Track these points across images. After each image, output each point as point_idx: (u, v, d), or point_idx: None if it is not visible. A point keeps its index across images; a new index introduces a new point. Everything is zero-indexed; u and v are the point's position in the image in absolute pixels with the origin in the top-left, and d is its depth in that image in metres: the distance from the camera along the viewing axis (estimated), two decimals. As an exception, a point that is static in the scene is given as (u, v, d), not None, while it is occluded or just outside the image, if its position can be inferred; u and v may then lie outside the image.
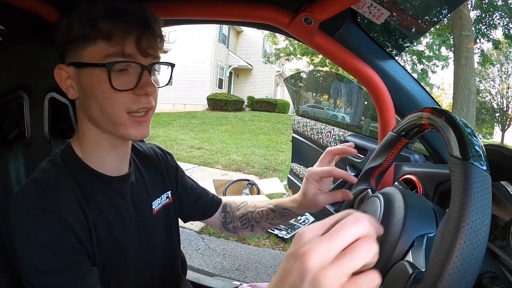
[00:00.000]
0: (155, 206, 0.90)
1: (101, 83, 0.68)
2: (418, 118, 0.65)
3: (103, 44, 0.67)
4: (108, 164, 0.78)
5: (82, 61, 0.69)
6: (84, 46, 0.68)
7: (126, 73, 0.69)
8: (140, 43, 0.69)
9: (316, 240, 0.37)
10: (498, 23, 11.41)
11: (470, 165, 0.44)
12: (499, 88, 27.63)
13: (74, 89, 0.73)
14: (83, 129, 0.76)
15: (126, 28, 0.67)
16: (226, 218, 1.09)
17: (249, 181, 4.76)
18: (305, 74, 4.90)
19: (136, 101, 0.71)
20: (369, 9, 0.94)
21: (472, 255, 0.40)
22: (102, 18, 0.66)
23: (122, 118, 0.71)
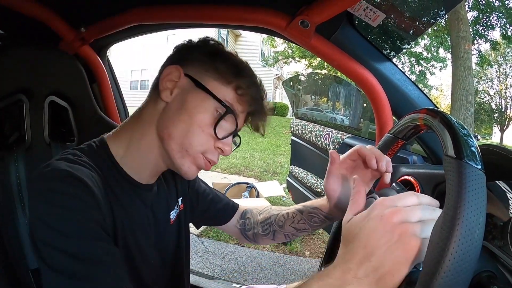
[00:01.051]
0: (172, 216, 0.90)
1: (206, 113, 0.71)
2: (413, 119, 0.66)
3: (232, 92, 0.73)
4: (143, 174, 0.77)
5: (202, 83, 0.72)
6: (214, 78, 0.73)
7: (222, 123, 0.73)
8: (252, 115, 0.79)
9: (399, 208, 0.49)
10: (496, 24, 11.46)
11: (464, 164, 0.44)
12: (497, 88, 27.67)
13: (171, 94, 0.74)
14: (144, 132, 0.75)
15: (255, 100, 0.77)
16: (246, 225, 1.05)
17: (248, 184, 4.75)
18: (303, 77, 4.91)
19: (212, 151, 0.75)
20: (365, 12, 0.95)
21: (467, 253, 0.40)
22: (245, 78, 0.75)
23: (196, 153, 0.73)
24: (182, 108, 0.72)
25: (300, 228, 0.98)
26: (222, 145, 0.74)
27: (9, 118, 0.98)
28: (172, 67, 0.74)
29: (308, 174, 2.60)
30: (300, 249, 3.36)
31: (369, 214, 0.51)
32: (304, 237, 3.64)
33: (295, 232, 1.00)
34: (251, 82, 0.76)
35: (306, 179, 2.53)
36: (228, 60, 0.75)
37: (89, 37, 1.20)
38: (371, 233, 0.49)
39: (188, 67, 0.74)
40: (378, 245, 0.47)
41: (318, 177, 2.45)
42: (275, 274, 2.88)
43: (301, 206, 0.99)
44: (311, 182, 2.41)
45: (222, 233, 3.60)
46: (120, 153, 0.74)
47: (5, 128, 0.98)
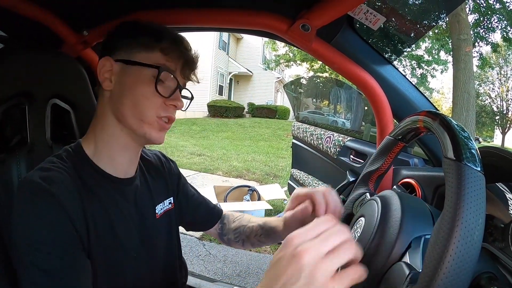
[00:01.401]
0: (158, 211, 0.92)
1: (144, 84, 0.78)
2: (413, 122, 0.66)
3: (160, 55, 0.79)
4: (117, 164, 0.82)
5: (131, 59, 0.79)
6: (139, 51, 0.79)
7: (163, 84, 0.80)
8: (185, 68, 0.84)
9: (309, 242, 0.48)
10: (496, 26, 11.44)
11: (463, 166, 0.45)
12: (498, 91, 27.64)
13: (111, 82, 0.80)
14: (103, 124, 0.81)
15: (181, 53, 0.83)
16: (223, 230, 1.13)
17: (250, 187, 4.75)
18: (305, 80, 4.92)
19: (165, 109, 0.81)
20: (365, 15, 0.95)
21: (467, 254, 0.40)
22: (166, 38, 0.81)
23: (151, 118, 0.79)
24: (124, 89, 0.79)
25: (261, 241, 1.06)
26: (173, 101, 0.81)
27: (11, 120, 0.98)
28: (102, 60, 0.80)
29: (309, 177, 2.60)
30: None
31: (283, 252, 0.49)
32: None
33: (259, 244, 1.08)
34: (172, 40, 0.81)
35: (307, 182, 2.53)
36: (147, 30, 0.81)
37: (91, 40, 1.20)
38: (284, 273, 0.47)
39: (116, 54, 0.80)
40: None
41: (319, 180, 2.45)
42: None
43: (263, 222, 1.06)
44: (312, 185, 2.41)
45: (223, 236, 3.59)
46: (92, 151, 0.81)
47: (7, 130, 0.99)
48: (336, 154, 2.12)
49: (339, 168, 2.09)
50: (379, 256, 0.58)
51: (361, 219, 0.70)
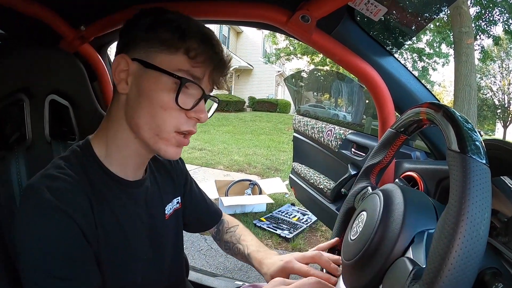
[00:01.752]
0: (167, 211, 0.90)
1: (163, 92, 0.68)
2: (416, 114, 0.65)
3: (184, 58, 0.69)
4: (127, 168, 0.78)
5: (152, 62, 0.69)
6: (160, 51, 0.69)
7: (186, 93, 0.70)
8: (214, 74, 0.73)
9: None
10: (498, 19, 11.40)
11: (468, 158, 0.44)
12: (500, 84, 27.51)
13: (127, 84, 0.72)
14: (117, 129, 0.74)
15: (211, 56, 0.71)
16: (217, 234, 1.12)
17: (251, 181, 4.76)
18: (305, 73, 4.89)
19: (187, 122, 0.72)
20: (366, 6, 0.94)
21: (472, 249, 0.40)
22: (193, 35, 0.69)
23: (168, 134, 0.71)
24: (140, 95, 0.70)
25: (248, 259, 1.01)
26: (195, 114, 0.72)
27: (10, 117, 0.98)
28: (118, 58, 0.71)
29: (310, 171, 2.59)
30: (303, 246, 3.35)
31: None
32: (307, 234, 3.64)
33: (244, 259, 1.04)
34: (201, 39, 0.70)
35: (309, 176, 2.52)
36: (170, 26, 0.69)
37: (89, 35, 1.19)
38: None
39: (133, 51, 0.71)
40: None
41: (320, 174, 2.44)
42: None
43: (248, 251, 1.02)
44: (314, 178, 2.40)
45: (225, 231, 3.59)
46: (103, 153, 0.75)
47: (6, 127, 0.98)
48: (337, 147, 2.11)
49: (340, 162, 2.08)
50: (381, 251, 0.57)
51: (362, 213, 0.69)
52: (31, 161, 0.95)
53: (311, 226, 3.81)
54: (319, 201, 2.22)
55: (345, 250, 0.70)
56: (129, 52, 0.71)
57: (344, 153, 2.02)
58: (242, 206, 4.10)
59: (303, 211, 4.13)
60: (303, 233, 3.63)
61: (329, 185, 2.17)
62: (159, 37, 0.69)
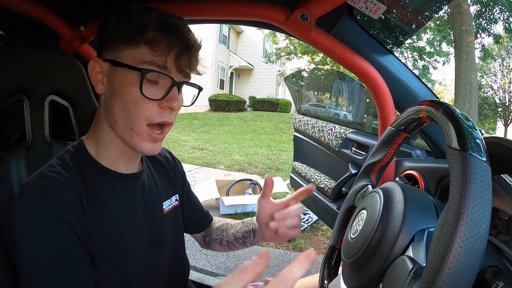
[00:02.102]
0: (165, 207, 0.91)
1: (131, 86, 0.70)
2: (416, 112, 0.65)
3: (146, 49, 0.69)
4: (119, 163, 0.79)
5: (119, 60, 0.71)
6: (126, 46, 0.70)
7: (156, 84, 0.71)
8: (179, 59, 0.72)
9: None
10: (499, 17, 11.38)
11: (469, 156, 0.43)
12: (501, 83, 27.43)
13: (103, 84, 0.74)
14: (100, 127, 0.77)
15: (172, 42, 0.70)
16: (206, 232, 1.11)
17: (252, 181, 4.76)
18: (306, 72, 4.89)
19: (159, 113, 0.73)
20: (366, 4, 0.93)
21: (473, 247, 0.39)
22: (151, 26, 0.69)
23: (141, 128, 0.72)
24: (113, 92, 0.72)
25: (236, 236, 1.04)
26: (166, 103, 0.72)
27: (10, 117, 0.98)
28: (91, 61, 0.74)
29: (311, 170, 2.59)
30: (304, 245, 3.36)
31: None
32: (308, 233, 3.64)
33: (233, 241, 1.05)
34: (159, 28, 0.70)
35: (310, 175, 2.52)
36: (131, 21, 0.70)
37: (89, 36, 1.19)
38: None
39: (104, 52, 0.74)
40: None
41: (321, 173, 2.44)
42: (279, 271, 2.85)
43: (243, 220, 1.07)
44: (314, 178, 2.40)
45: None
46: (94, 151, 0.77)
47: (6, 128, 0.98)
48: (338, 146, 2.10)
49: (341, 161, 2.08)
50: (381, 250, 0.57)
51: (363, 211, 0.69)
52: (31, 161, 0.95)
53: (312, 225, 3.81)
54: (320, 200, 2.22)
55: (345, 249, 0.70)
56: (102, 54, 0.75)
57: (345, 152, 2.01)
58: (243, 206, 4.11)
59: (304, 211, 4.11)
60: (304, 232, 3.64)
61: (330, 184, 2.17)
62: (124, 34, 0.70)
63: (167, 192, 0.93)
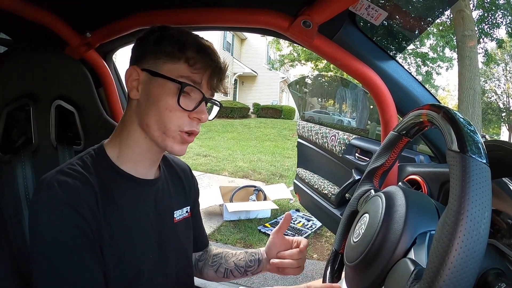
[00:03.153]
0: (176, 216, 0.94)
1: (168, 96, 0.78)
2: (417, 116, 0.65)
3: (184, 66, 0.78)
4: (139, 167, 0.85)
5: (158, 71, 0.78)
6: (165, 61, 0.79)
7: (188, 97, 0.79)
8: (211, 78, 0.82)
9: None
10: (501, 22, 11.35)
11: (468, 157, 0.44)
12: (504, 87, 27.31)
13: (137, 91, 0.81)
14: (129, 130, 0.83)
15: (208, 63, 0.80)
16: (201, 256, 1.13)
17: (256, 187, 4.76)
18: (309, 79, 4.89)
19: (189, 123, 0.81)
20: (367, 11, 0.94)
21: (473, 248, 0.39)
22: (191, 47, 0.79)
23: (173, 132, 0.80)
24: (149, 99, 0.79)
25: (238, 264, 1.07)
26: (196, 115, 0.81)
27: (17, 122, 0.99)
28: (129, 69, 0.82)
29: (315, 176, 2.59)
30: (308, 252, 3.34)
31: None
32: (312, 239, 3.63)
33: (233, 268, 1.07)
34: (198, 50, 0.80)
35: (313, 181, 2.52)
36: (172, 39, 0.79)
37: (95, 42, 1.21)
38: None
39: (143, 62, 0.81)
40: None
41: (324, 179, 2.44)
42: (283, 277, 2.86)
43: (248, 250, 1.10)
44: (318, 184, 2.40)
45: (229, 236, 3.60)
46: (115, 154, 0.83)
47: (13, 132, 1.00)
48: (341, 152, 2.11)
49: (344, 167, 2.08)
50: (383, 253, 0.57)
51: (365, 215, 0.69)
52: (37, 165, 0.96)
53: (316, 232, 3.80)
54: (324, 206, 2.22)
55: (347, 253, 0.70)
56: (139, 63, 0.82)
57: (348, 158, 2.02)
58: (247, 212, 4.10)
59: (307, 217, 4.12)
60: (308, 239, 3.62)
61: (333, 190, 2.17)
62: (164, 50, 0.79)
63: (179, 202, 0.97)
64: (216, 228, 3.83)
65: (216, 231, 3.74)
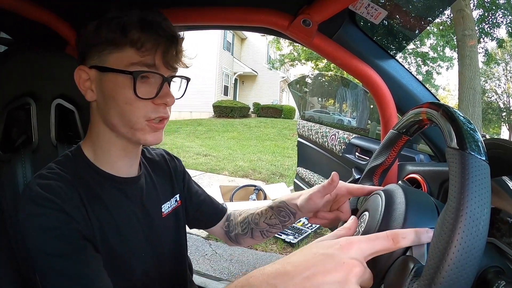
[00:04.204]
0: (164, 209, 0.91)
1: (124, 89, 0.71)
2: (416, 114, 0.65)
3: (131, 52, 0.70)
4: (118, 166, 0.80)
5: (106, 65, 0.71)
6: (110, 51, 0.71)
7: (147, 82, 0.73)
8: (166, 56, 0.73)
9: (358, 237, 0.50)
10: (501, 21, 11.35)
11: (467, 154, 0.43)
12: (505, 87, 27.29)
13: (93, 91, 0.75)
14: (98, 132, 0.78)
15: (156, 40, 0.71)
16: (229, 227, 1.08)
17: (256, 187, 4.76)
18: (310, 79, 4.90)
19: (155, 110, 0.74)
20: (367, 10, 0.95)
21: (472, 245, 0.39)
22: (133, 27, 0.70)
23: (140, 124, 0.74)
24: (106, 98, 0.73)
25: (271, 223, 0.98)
26: (160, 100, 0.74)
27: (17, 120, 0.99)
28: (76, 71, 0.75)
29: (314, 175, 2.59)
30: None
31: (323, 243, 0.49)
32: (312, 239, 3.62)
33: (268, 228, 1.00)
34: (141, 29, 0.70)
35: (313, 181, 2.52)
36: (110, 24, 0.70)
37: (95, 41, 1.21)
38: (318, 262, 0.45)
39: (89, 59, 0.74)
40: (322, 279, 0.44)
41: (324, 179, 2.44)
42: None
43: (271, 202, 1.00)
44: (318, 183, 2.40)
45: (229, 236, 3.59)
46: (92, 156, 0.79)
47: (13, 130, 1.00)
48: (341, 151, 2.11)
49: (344, 166, 2.08)
50: (383, 250, 0.57)
51: (365, 213, 0.69)
52: (37, 164, 0.96)
53: (316, 231, 3.80)
54: (324, 205, 2.21)
55: (347, 251, 0.70)
56: (85, 61, 0.75)
57: (348, 157, 2.02)
58: (247, 211, 4.10)
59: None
60: (308, 238, 3.62)
61: (334, 189, 2.17)
62: (105, 38, 0.70)
63: (166, 194, 0.94)
64: (216, 227, 3.82)
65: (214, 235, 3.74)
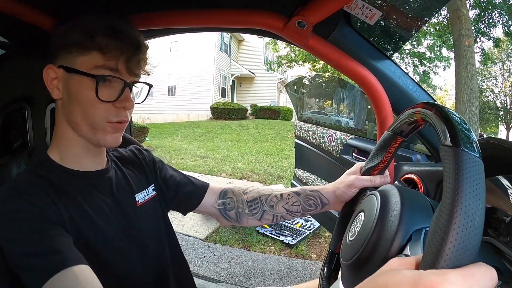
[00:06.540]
0: (139, 199, 0.92)
1: (87, 90, 0.75)
2: (410, 115, 0.65)
3: (97, 55, 0.74)
4: (84, 163, 0.83)
5: (73, 67, 0.75)
6: (78, 53, 0.75)
7: (110, 86, 0.77)
8: (129, 62, 0.77)
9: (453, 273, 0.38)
10: (498, 21, 11.39)
11: (461, 151, 0.43)
12: (502, 86, 27.34)
13: (59, 90, 0.79)
14: (62, 133, 0.81)
15: (121, 47, 0.76)
16: (226, 205, 1.04)
17: (254, 188, 4.75)
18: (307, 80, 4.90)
19: (116, 113, 0.78)
20: (362, 10, 0.95)
21: (468, 241, 0.39)
22: (100, 33, 0.74)
23: (101, 124, 0.78)
24: (71, 97, 0.77)
25: (292, 210, 1.00)
26: (120, 104, 0.78)
27: (13, 124, 0.99)
28: (46, 69, 0.79)
29: (312, 177, 2.59)
30: (306, 252, 3.35)
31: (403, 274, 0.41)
32: (310, 240, 3.63)
33: (285, 214, 1.01)
34: (108, 35, 0.75)
35: (311, 182, 2.52)
36: (80, 29, 0.75)
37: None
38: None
39: (57, 59, 0.78)
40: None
41: (322, 180, 2.44)
42: (281, 278, 2.87)
43: (298, 189, 1.01)
44: (315, 184, 2.40)
45: (227, 238, 3.59)
46: (58, 158, 0.81)
47: (9, 134, 1.00)
48: (338, 152, 2.11)
49: (342, 167, 2.08)
50: (379, 250, 0.57)
51: (360, 214, 0.69)
52: None
53: (314, 232, 3.80)
54: (321, 206, 2.21)
55: (343, 252, 0.70)
56: (54, 61, 0.79)
57: (346, 158, 2.02)
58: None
59: (306, 217, 4.12)
60: (306, 239, 3.63)
61: (331, 190, 2.17)
62: (74, 41, 0.75)
63: (140, 185, 0.95)
64: (214, 229, 3.82)
65: (215, 232, 3.74)
